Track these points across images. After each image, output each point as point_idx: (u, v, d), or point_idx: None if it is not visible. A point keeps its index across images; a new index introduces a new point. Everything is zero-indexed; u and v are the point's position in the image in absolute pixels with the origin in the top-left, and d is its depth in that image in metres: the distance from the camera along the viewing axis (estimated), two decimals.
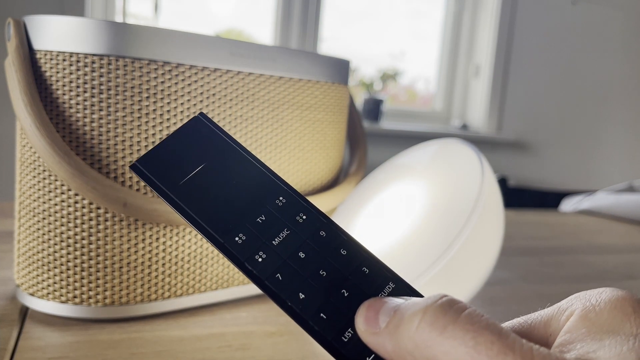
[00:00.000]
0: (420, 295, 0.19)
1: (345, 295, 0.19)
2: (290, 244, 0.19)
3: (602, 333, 0.16)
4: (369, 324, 0.17)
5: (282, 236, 0.20)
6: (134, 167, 0.20)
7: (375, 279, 0.19)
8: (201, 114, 0.22)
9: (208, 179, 0.20)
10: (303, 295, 0.18)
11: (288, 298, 0.18)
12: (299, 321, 0.18)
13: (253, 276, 0.19)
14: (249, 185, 0.21)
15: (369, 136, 0.70)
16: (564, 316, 0.18)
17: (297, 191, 0.21)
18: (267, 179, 0.21)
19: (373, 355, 0.17)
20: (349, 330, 0.18)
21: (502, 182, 1.80)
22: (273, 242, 0.19)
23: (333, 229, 0.20)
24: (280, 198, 0.21)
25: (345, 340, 0.18)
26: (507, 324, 0.19)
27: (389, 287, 0.19)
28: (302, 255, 0.19)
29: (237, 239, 0.19)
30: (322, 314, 0.18)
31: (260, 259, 0.19)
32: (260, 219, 0.20)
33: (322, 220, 0.20)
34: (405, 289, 0.19)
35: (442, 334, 0.15)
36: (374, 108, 2.17)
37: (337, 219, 0.51)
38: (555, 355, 0.14)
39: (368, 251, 0.20)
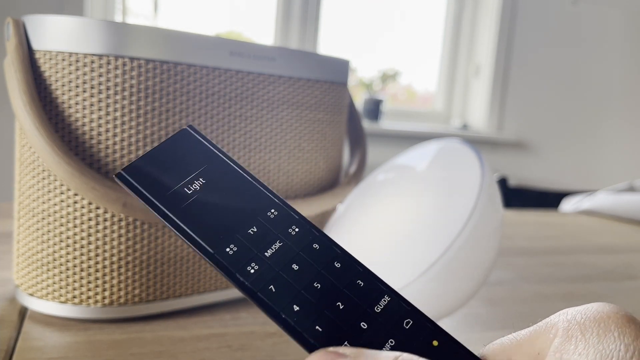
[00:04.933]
0: (415, 308, 0.19)
1: (341, 307, 0.18)
2: (283, 256, 0.19)
3: (589, 352, 0.16)
4: None
5: (275, 248, 0.19)
6: (119, 175, 0.20)
7: (371, 293, 0.19)
8: (189, 126, 0.22)
9: (197, 189, 0.20)
10: (298, 308, 0.18)
11: (282, 310, 0.18)
12: (293, 334, 0.18)
13: (245, 287, 0.18)
14: (239, 197, 0.20)
15: (369, 136, 0.70)
16: (551, 334, 0.17)
17: (288, 204, 0.21)
18: (257, 190, 0.21)
19: None
20: (346, 343, 0.18)
21: (502, 182, 1.80)
22: (265, 253, 0.19)
23: (326, 242, 0.20)
24: (272, 210, 0.20)
25: None
26: (495, 343, 0.19)
27: (384, 300, 0.19)
28: (295, 267, 0.19)
29: (227, 249, 0.19)
30: (317, 327, 0.18)
31: (252, 270, 0.19)
32: (251, 231, 0.20)
33: (315, 234, 0.20)
34: (400, 303, 0.19)
35: None
36: (374, 108, 2.17)
37: (338, 219, 0.51)
38: None
39: (362, 265, 0.20)
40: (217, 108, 0.43)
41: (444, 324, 0.46)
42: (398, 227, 0.44)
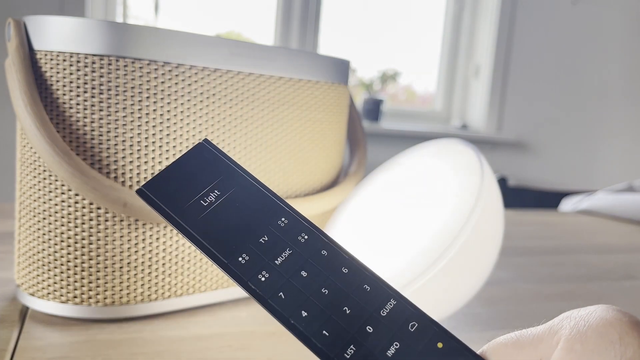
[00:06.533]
0: (420, 311, 0.19)
1: (348, 312, 0.19)
2: (292, 264, 0.20)
3: None
4: None
5: (285, 256, 0.20)
6: (140, 192, 0.21)
7: (377, 297, 0.19)
8: (205, 140, 0.23)
9: (212, 201, 0.21)
10: (306, 313, 0.19)
11: (291, 316, 0.19)
12: (302, 339, 0.18)
13: (257, 295, 0.19)
14: (251, 208, 0.21)
15: (369, 136, 0.70)
16: (554, 341, 0.17)
17: (298, 212, 0.21)
18: (269, 201, 0.22)
19: None
20: (352, 347, 0.18)
21: (502, 182, 1.80)
22: (276, 261, 0.20)
23: (334, 248, 0.21)
24: (283, 219, 0.21)
25: (348, 357, 0.18)
26: (497, 341, 0.19)
27: (390, 304, 0.19)
28: (304, 274, 0.20)
29: (240, 259, 0.20)
30: (324, 332, 0.18)
31: (263, 279, 0.19)
32: (263, 240, 0.20)
33: (324, 240, 0.21)
34: (405, 306, 0.19)
35: None
36: (374, 108, 2.17)
37: (338, 219, 0.51)
38: None
39: (369, 269, 0.20)
40: (218, 109, 0.43)
41: (444, 324, 0.46)
42: (398, 228, 0.44)
